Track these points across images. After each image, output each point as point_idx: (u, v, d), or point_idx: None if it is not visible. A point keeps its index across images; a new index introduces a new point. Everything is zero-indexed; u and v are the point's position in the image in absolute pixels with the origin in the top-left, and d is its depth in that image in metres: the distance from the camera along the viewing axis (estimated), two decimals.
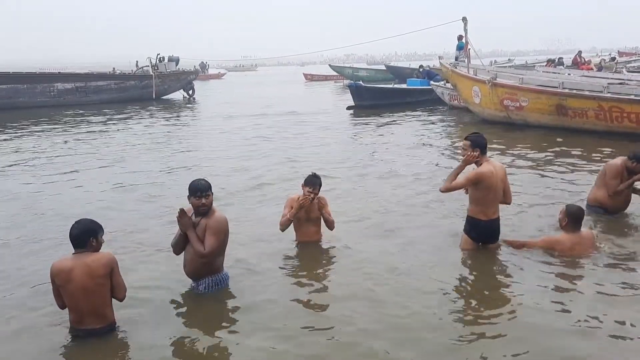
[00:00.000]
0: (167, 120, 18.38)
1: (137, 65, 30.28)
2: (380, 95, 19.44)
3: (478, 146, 4.77)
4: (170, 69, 29.17)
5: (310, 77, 44.95)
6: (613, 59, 23.59)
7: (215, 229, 4.07)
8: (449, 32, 16.76)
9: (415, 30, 18.78)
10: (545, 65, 18.27)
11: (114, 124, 17.25)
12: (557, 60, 23.44)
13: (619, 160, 5.88)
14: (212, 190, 4.16)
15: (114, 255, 3.66)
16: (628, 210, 5.99)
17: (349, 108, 18.84)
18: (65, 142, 13.25)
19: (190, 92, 29.85)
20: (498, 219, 4.96)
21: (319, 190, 5.12)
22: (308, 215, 5.16)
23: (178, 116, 19.82)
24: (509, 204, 5.11)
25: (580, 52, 25.25)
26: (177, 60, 30.35)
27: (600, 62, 21.83)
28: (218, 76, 59.61)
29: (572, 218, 4.80)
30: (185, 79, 29.83)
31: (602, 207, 5.88)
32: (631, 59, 25.62)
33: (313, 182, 5.06)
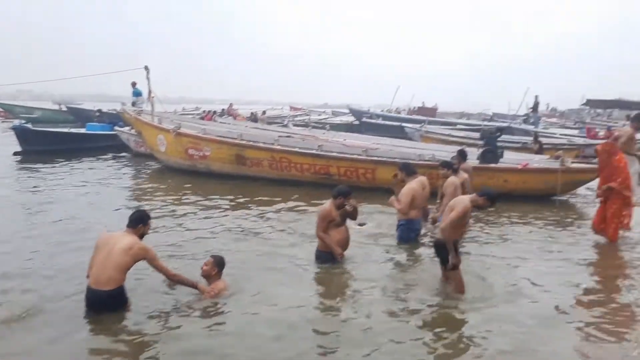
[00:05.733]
0: None
1: None
2: (52, 140, 17.39)
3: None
4: None
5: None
6: (264, 112, 28.59)
7: None
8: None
9: (100, 74, 17.86)
10: (205, 118, 19.84)
11: None
12: (220, 111, 26.52)
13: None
14: None
15: None
16: None
17: (15, 154, 16.35)
18: None
19: None
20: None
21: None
22: None
23: None
24: None
25: (231, 104, 29.08)
26: None
27: (253, 115, 25.78)
28: None
29: (220, 268, 5.50)
30: None
31: None
32: (297, 114, 29.87)
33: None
